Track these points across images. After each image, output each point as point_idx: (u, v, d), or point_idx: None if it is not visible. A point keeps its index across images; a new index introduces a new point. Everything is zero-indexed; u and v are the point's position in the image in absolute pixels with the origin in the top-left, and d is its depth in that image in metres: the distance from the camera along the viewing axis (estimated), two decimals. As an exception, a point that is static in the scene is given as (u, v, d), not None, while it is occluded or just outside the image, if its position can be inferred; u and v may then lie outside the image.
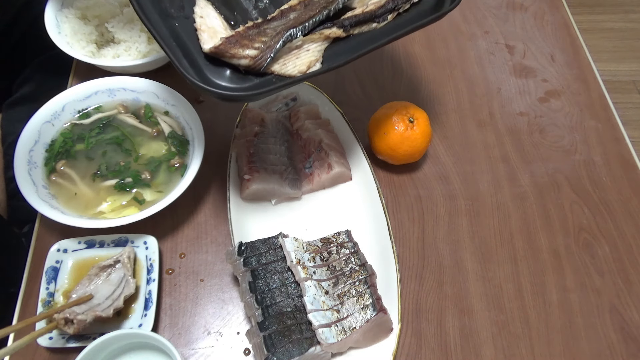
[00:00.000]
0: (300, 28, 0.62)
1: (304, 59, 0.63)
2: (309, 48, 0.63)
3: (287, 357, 0.58)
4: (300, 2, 0.64)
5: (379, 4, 0.66)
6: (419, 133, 0.75)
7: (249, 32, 0.61)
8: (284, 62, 0.62)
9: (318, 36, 0.63)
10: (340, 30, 0.64)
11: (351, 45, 0.65)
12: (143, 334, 0.58)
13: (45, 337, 0.61)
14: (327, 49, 0.64)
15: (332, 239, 0.68)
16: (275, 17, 0.63)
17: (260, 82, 0.61)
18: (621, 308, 0.71)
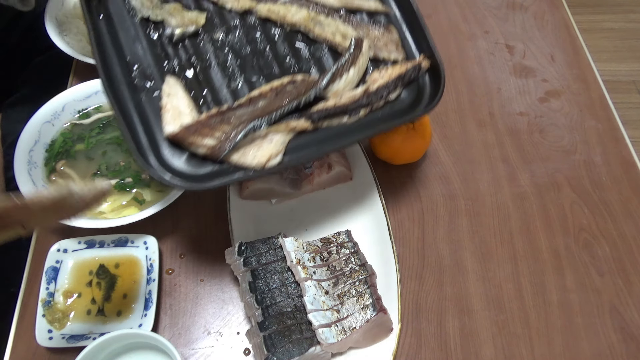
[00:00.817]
0: (266, 118, 0.60)
1: (265, 151, 0.60)
2: (272, 139, 0.61)
3: (287, 357, 0.58)
4: (271, 90, 0.62)
5: (353, 98, 0.64)
6: (419, 133, 0.75)
7: (211, 121, 0.59)
8: (244, 152, 0.60)
9: (284, 127, 0.61)
10: (308, 122, 0.61)
11: (318, 138, 0.63)
12: (143, 334, 0.58)
13: (45, 337, 0.61)
14: (293, 139, 0.62)
15: (332, 239, 0.68)
16: (242, 104, 0.61)
17: (218, 170, 0.60)
18: (621, 308, 0.71)
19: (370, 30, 0.70)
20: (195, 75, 0.64)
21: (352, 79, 0.65)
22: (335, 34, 0.68)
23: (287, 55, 0.67)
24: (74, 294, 0.65)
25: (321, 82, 0.63)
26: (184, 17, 0.65)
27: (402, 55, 0.69)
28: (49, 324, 0.62)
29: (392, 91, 0.66)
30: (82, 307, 0.65)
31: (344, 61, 0.64)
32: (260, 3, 0.68)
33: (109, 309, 0.65)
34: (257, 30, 0.68)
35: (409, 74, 0.66)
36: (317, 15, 0.69)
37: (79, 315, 0.64)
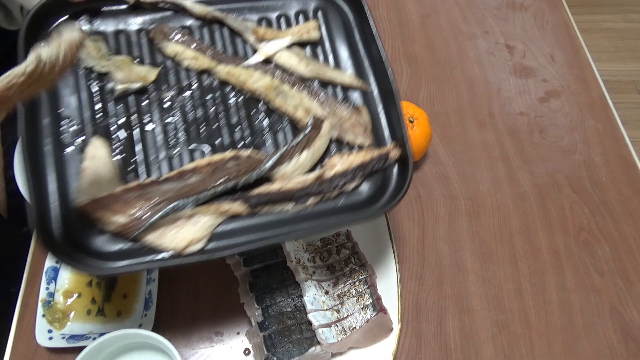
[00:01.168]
0: (194, 198, 0.52)
1: (187, 234, 0.52)
2: (198, 221, 0.53)
3: (287, 357, 0.58)
4: (209, 165, 0.55)
5: (302, 184, 0.56)
6: (419, 133, 0.75)
7: (127, 195, 0.52)
8: (162, 232, 0.52)
9: (214, 210, 0.53)
10: (243, 206, 0.54)
11: (255, 225, 0.55)
12: (143, 334, 0.58)
13: (45, 337, 0.61)
14: (225, 221, 0.54)
15: (332, 239, 0.68)
16: (171, 178, 0.54)
17: (129, 249, 0.52)
18: (621, 308, 0.71)
19: (338, 108, 0.61)
20: (130, 137, 0.57)
21: (304, 163, 0.56)
22: (297, 107, 0.60)
23: (241, 125, 0.60)
24: (74, 294, 0.65)
25: (266, 163, 0.55)
26: (132, 72, 0.59)
27: (369, 141, 0.60)
28: (49, 324, 0.62)
29: (350, 181, 0.57)
30: (82, 307, 0.65)
31: (296, 142, 0.56)
32: (221, 64, 0.61)
33: (109, 309, 0.65)
34: (213, 94, 0.61)
35: (372, 164, 0.58)
36: (281, 84, 0.61)
37: (79, 315, 0.64)
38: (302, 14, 0.66)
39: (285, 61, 0.62)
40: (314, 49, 0.65)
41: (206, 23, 0.63)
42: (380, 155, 0.58)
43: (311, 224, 0.55)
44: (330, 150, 0.60)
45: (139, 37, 0.62)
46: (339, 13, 0.66)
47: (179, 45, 0.61)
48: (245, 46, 0.64)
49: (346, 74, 0.63)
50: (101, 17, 0.61)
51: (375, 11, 1.00)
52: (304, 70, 0.62)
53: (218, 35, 0.64)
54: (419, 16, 1.00)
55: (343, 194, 0.58)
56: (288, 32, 0.64)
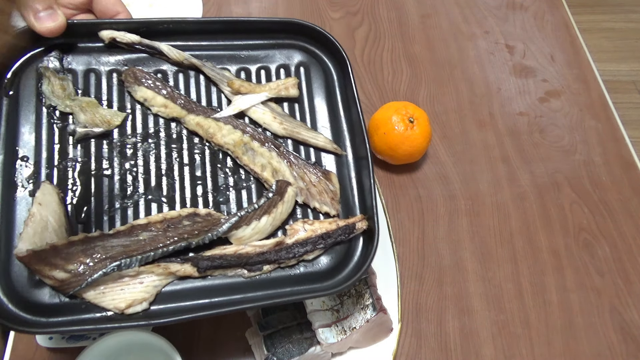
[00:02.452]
0: (141, 257, 0.49)
1: (128, 294, 0.49)
2: (142, 281, 0.50)
3: (287, 357, 0.58)
4: (163, 221, 0.53)
5: (259, 249, 0.53)
6: (419, 133, 0.75)
7: (69, 249, 0.49)
8: (103, 290, 0.49)
9: (162, 270, 0.50)
10: (193, 269, 0.51)
11: (205, 288, 0.52)
12: (143, 334, 0.58)
13: (45, 337, 0.61)
14: (175, 283, 0.52)
15: (332, 239, 0.68)
16: (121, 232, 0.51)
17: (67, 304, 0.49)
18: (621, 308, 0.71)
19: (308, 172, 0.58)
20: (86, 183, 0.54)
21: (263, 228, 0.53)
22: (265, 167, 0.57)
23: (204, 179, 0.57)
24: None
25: (221, 226, 0.52)
26: (96, 115, 0.56)
27: (334, 211, 0.57)
28: (49, 324, 0.62)
29: (311, 251, 0.54)
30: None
31: (256, 207, 0.54)
32: (191, 114, 0.58)
33: (109, 309, 0.65)
34: (179, 144, 0.58)
35: (336, 235, 0.54)
36: (251, 141, 0.58)
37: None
38: (284, 68, 0.63)
39: (259, 117, 0.59)
40: (291, 106, 0.62)
41: (183, 69, 0.60)
42: (346, 226, 0.55)
43: (265, 293, 0.52)
44: (296, 214, 0.57)
45: (109, 78, 0.58)
46: (322, 71, 0.63)
47: (150, 90, 0.58)
48: (220, 96, 0.60)
49: (321, 136, 0.60)
50: (74, 53, 0.58)
51: (376, 11, 1.00)
52: (277, 128, 0.59)
53: (194, 82, 0.60)
54: (419, 16, 1.00)
55: (302, 262, 0.55)
56: (265, 87, 0.60)
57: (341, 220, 0.56)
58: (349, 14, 0.99)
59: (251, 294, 0.52)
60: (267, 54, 0.63)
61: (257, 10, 0.98)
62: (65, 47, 0.58)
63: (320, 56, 0.63)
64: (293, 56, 0.63)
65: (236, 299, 0.51)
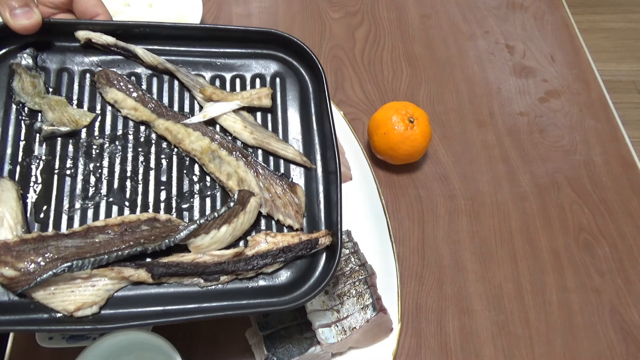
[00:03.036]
0: (94, 260, 0.48)
1: (79, 297, 0.49)
2: (94, 284, 0.49)
3: (287, 357, 0.58)
4: (121, 224, 0.52)
5: (217, 259, 0.52)
6: (419, 133, 0.75)
7: (22, 247, 0.48)
8: (53, 291, 0.48)
9: (114, 274, 0.50)
10: (148, 275, 0.50)
11: (160, 295, 0.51)
12: (143, 334, 0.58)
13: (45, 337, 0.61)
14: (129, 289, 0.51)
15: (332, 239, 0.68)
16: (76, 233, 0.51)
17: (15, 302, 0.49)
18: (621, 308, 0.71)
19: (274, 183, 0.57)
20: (47, 182, 0.54)
21: (222, 238, 0.52)
22: (231, 176, 0.56)
23: (169, 185, 0.56)
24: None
25: (179, 233, 0.51)
26: (64, 114, 0.56)
27: (298, 224, 0.56)
28: (49, 324, 0.62)
29: (271, 264, 0.53)
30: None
31: (216, 215, 0.52)
32: (161, 119, 0.57)
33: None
34: (147, 148, 0.57)
35: (298, 249, 0.53)
36: (218, 149, 0.57)
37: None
38: (260, 78, 0.62)
39: (229, 125, 0.59)
40: (264, 116, 0.61)
41: (157, 73, 0.60)
42: (309, 240, 0.54)
43: (220, 304, 0.51)
44: (260, 226, 0.56)
45: (82, 78, 0.58)
46: (298, 83, 0.63)
47: (120, 92, 0.58)
48: (193, 103, 0.60)
49: (291, 148, 0.59)
50: (49, 52, 0.58)
51: (376, 11, 1.00)
52: (247, 137, 0.58)
53: (167, 87, 0.60)
54: (419, 16, 1.00)
55: (261, 274, 0.53)
56: (237, 96, 0.60)
57: (304, 234, 0.55)
58: (349, 14, 0.99)
59: (206, 304, 0.51)
60: (243, 62, 0.63)
61: (257, 10, 0.98)
62: (41, 45, 0.58)
63: (297, 68, 0.63)
64: (269, 66, 0.63)
65: (190, 309, 0.50)
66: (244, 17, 0.96)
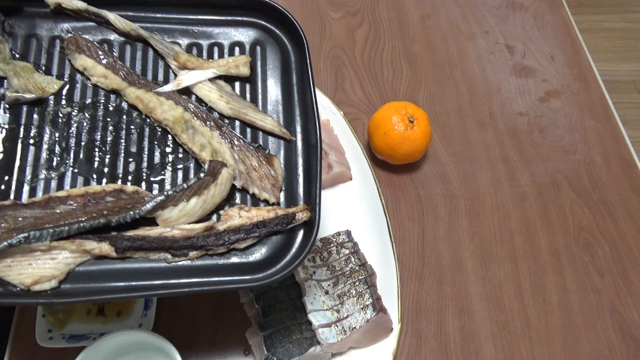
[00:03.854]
0: (53, 232, 0.46)
1: (37, 270, 0.46)
2: (54, 257, 0.47)
3: (287, 357, 0.58)
4: (85, 195, 0.49)
5: (186, 234, 0.49)
6: (419, 133, 0.75)
7: None
8: (9, 264, 0.46)
9: (75, 247, 0.47)
10: (111, 248, 0.48)
11: (123, 271, 0.49)
12: (143, 334, 0.58)
13: (45, 337, 0.61)
14: (94, 261, 0.49)
15: (332, 239, 0.68)
16: (36, 203, 0.48)
17: None
18: (621, 308, 0.71)
19: (249, 155, 0.54)
20: (10, 151, 0.51)
21: (191, 211, 0.50)
22: (204, 147, 0.54)
23: (140, 157, 0.54)
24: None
25: (144, 205, 0.48)
26: (31, 81, 0.54)
27: (274, 198, 0.53)
28: (49, 324, 0.62)
29: (244, 239, 0.50)
30: (82, 307, 0.65)
31: (185, 187, 0.50)
32: (132, 87, 0.55)
33: (109, 309, 0.65)
34: (117, 117, 0.55)
35: (273, 224, 0.51)
36: (192, 118, 0.55)
37: (79, 315, 0.64)
38: (239, 46, 0.60)
39: (205, 94, 0.56)
40: (243, 86, 0.59)
41: (131, 40, 0.58)
42: (285, 215, 0.51)
43: (188, 281, 0.48)
44: (235, 200, 0.54)
45: (51, 45, 0.56)
46: (280, 52, 0.60)
47: (90, 59, 0.55)
48: (168, 71, 0.58)
49: (269, 119, 0.56)
50: (18, 17, 0.56)
51: (375, 11, 1.00)
52: (223, 107, 0.56)
53: (140, 55, 0.58)
54: (419, 16, 1.00)
55: (234, 250, 0.51)
56: (214, 64, 0.57)
57: (281, 209, 0.52)
58: (349, 14, 0.99)
59: (173, 280, 0.48)
60: (222, 30, 0.60)
61: (257, 10, 0.98)
62: (9, 10, 0.56)
63: (280, 36, 0.60)
64: (249, 34, 0.60)
65: (155, 284, 0.48)
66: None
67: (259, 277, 0.49)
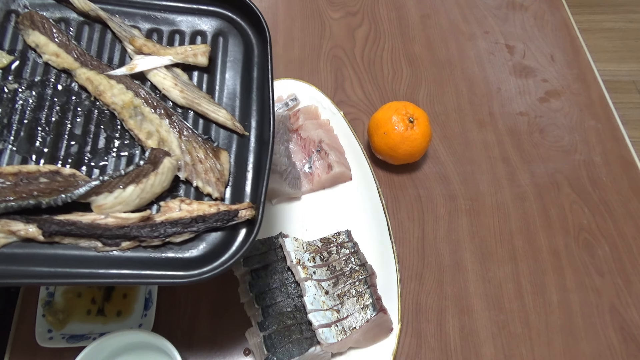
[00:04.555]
0: None
1: None
2: None
3: (287, 357, 0.58)
4: (17, 174, 0.47)
5: (122, 222, 0.47)
6: (419, 133, 0.75)
7: None
8: None
9: (0, 227, 0.45)
10: (38, 231, 0.46)
11: (50, 256, 0.47)
12: (143, 334, 0.58)
13: (45, 337, 0.61)
14: (22, 245, 0.47)
15: (332, 239, 0.68)
16: None
17: None
18: (621, 308, 0.71)
19: (196, 146, 0.52)
20: None
21: (128, 199, 0.48)
22: (151, 135, 0.52)
23: (84, 140, 0.52)
24: (74, 294, 0.65)
25: (77, 189, 0.46)
26: None
27: (218, 193, 0.51)
28: (49, 324, 0.62)
29: (180, 233, 0.48)
30: (82, 307, 0.65)
31: (122, 173, 0.48)
32: (83, 68, 0.54)
33: (109, 309, 0.65)
34: (65, 98, 0.53)
35: (213, 220, 0.49)
36: (142, 104, 0.53)
37: (79, 315, 0.64)
38: (200, 35, 0.59)
39: (159, 81, 0.55)
40: (201, 76, 0.57)
41: (90, 21, 0.57)
42: (227, 212, 0.49)
43: (117, 272, 0.46)
44: (179, 192, 0.52)
45: (5, 19, 0.55)
46: (243, 43, 0.59)
47: (43, 36, 0.54)
48: (125, 56, 0.56)
49: (223, 111, 0.54)
50: None
51: (376, 11, 1.00)
52: (177, 96, 0.54)
53: (98, 36, 0.57)
54: (419, 16, 1.00)
55: (170, 244, 0.49)
56: (171, 51, 0.56)
57: (224, 204, 0.50)
58: (349, 14, 0.99)
59: (102, 270, 0.46)
60: (185, 18, 0.59)
61: (257, 10, 0.98)
62: None
63: (245, 29, 0.59)
64: (213, 24, 0.59)
65: (81, 273, 0.46)
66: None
67: (191, 274, 0.47)
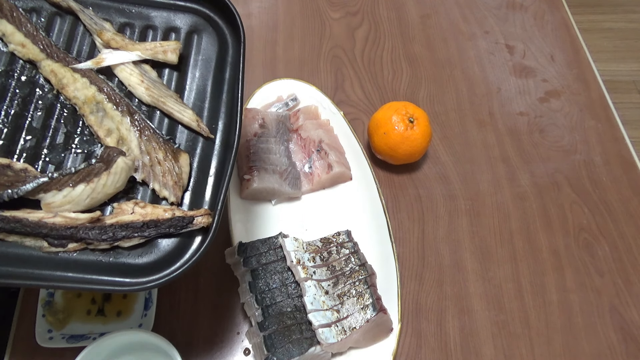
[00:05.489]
0: None
1: None
2: None
3: (287, 357, 0.58)
4: None
5: (70, 222, 0.46)
6: (419, 133, 0.75)
7: None
8: None
9: None
10: None
11: None
12: (143, 334, 0.58)
13: (45, 337, 0.61)
14: None
15: (332, 239, 0.68)
16: None
17: None
18: (621, 308, 0.71)
19: (156, 147, 0.50)
20: None
21: (77, 199, 0.46)
22: (111, 132, 0.50)
23: (42, 134, 0.50)
24: (74, 294, 0.65)
25: (25, 185, 0.45)
26: None
27: (174, 197, 0.49)
28: (49, 324, 0.62)
29: (129, 238, 0.46)
30: (82, 307, 0.65)
31: (72, 171, 0.46)
32: (49, 60, 0.53)
33: (109, 309, 0.65)
34: (28, 90, 0.52)
35: (166, 225, 0.47)
36: (104, 100, 0.51)
37: (79, 315, 0.64)
38: (174, 32, 0.57)
39: (125, 77, 0.54)
40: (171, 74, 0.56)
41: (62, 12, 0.55)
42: (182, 217, 0.47)
43: (60, 274, 0.45)
44: (136, 194, 0.50)
45: None
46: (218, 43, 0.57)
47: (10, 25, 0.53)
48: (95, 50, 0.55)
49: (188, 112, 0.53)
50: None
51: (375, 11, 1.00)
52: (142, 93, 0.53)
53: (68, 28, 0.55)
54: (419, 16, 1.00)
55: (119, 249, 0.47)
56: (140, 46, 0.54)
57: (181, 210, 0.48)
58: (349, 14, 0.99)
59: (45, 271, 0.44)
60: (160, 14, 0.57)
61: (257, 10, 0.98)
62: None
63: (221, 28, 0.57)
64: (188, 21, 0.57)
65: (23, 273, 0.44)
66: (244, 17, 0.96)
67: (137, 282, 0.45)
